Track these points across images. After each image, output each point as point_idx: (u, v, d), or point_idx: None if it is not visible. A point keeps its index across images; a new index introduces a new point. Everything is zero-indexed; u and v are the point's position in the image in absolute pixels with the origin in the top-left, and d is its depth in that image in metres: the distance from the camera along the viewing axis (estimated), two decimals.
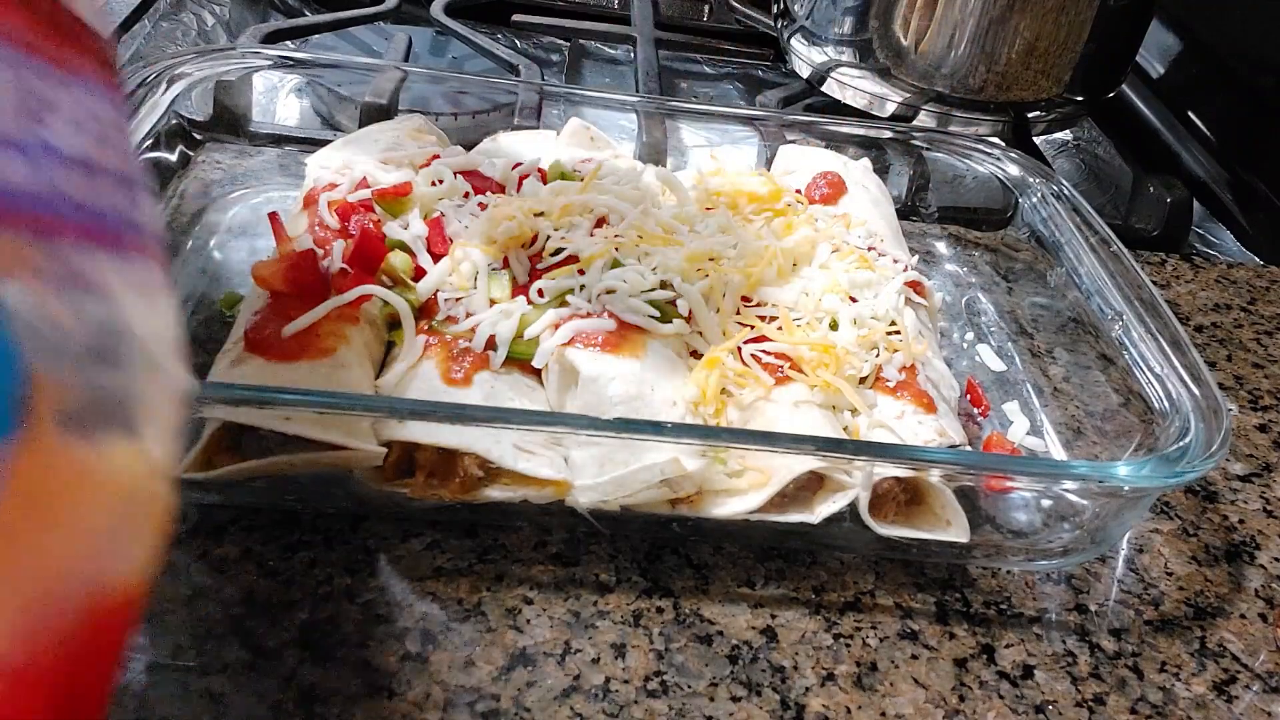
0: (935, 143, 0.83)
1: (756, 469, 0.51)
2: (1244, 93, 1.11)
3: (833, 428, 0.54)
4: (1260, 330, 0.81)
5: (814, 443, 0.50)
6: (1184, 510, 0.62)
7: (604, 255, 0.59)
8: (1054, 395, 0.67)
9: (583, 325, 0.55)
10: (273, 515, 0.51)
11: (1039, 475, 0.53)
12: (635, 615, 0.50)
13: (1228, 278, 0.88)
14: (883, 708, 0.47)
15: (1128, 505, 0.51)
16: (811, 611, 0.51)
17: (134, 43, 0.98)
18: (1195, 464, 0.49)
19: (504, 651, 0.47)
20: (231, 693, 0.43)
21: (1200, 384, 0.55)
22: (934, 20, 0.94)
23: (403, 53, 1.04)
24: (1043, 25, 0.93)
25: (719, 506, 0.51)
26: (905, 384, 0.58)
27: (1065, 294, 0.70)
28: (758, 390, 0.55)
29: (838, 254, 0.65)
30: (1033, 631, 0.52)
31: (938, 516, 0.53)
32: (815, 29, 1.03)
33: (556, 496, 0.50)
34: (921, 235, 0.83)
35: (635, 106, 0.84)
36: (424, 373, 0.54)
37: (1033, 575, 0.55)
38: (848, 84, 1.03)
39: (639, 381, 0.53)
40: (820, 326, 0.59)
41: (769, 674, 0.48)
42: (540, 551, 0.52)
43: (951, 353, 0.70)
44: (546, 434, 0.51)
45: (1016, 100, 0.98)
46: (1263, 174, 1.04)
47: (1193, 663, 0.52)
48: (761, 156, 0.85)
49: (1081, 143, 1.13)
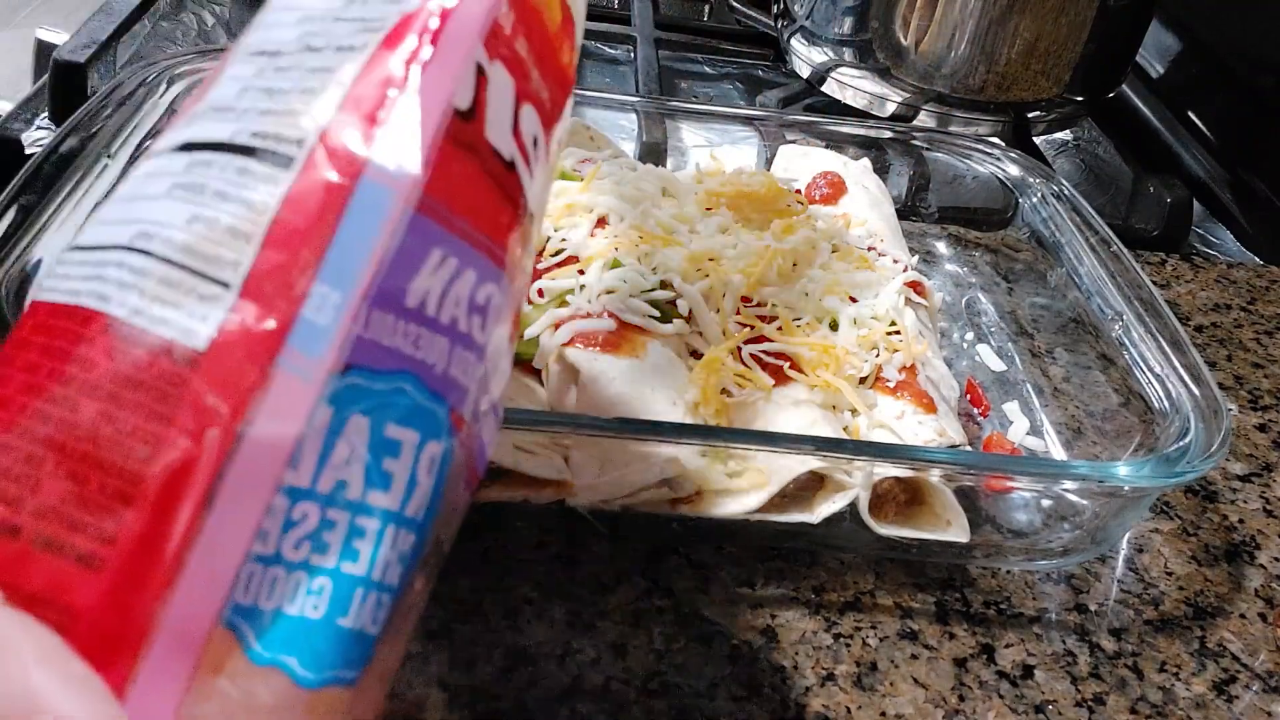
0: (935, 143, 0.83)
1: (756, 469, 0.51)
2: (1244, 93, 1.11)
3: (833, 428, 0.54)
4: (1260, 330, 0.81)
5: (814, 443, 0.50)
6: (1184, 510, 0.62)
7: (604, 255, 0.59)
8: (1054, 395, 0.67)
9: (582, 325, 0.55)
10: None
11: (1039, 475, 0.53)
12: (635, 615, 0.50)
13: (1228, 278, 0.88)
14: (883, 708, 0.47)
15: (1128, 505, 0.51)
16: (811, 611, 0.51)
17: (134, 43, 0.98)
18: (1195, 464, 0.49)
19: (504, 651, 0.47)
20: None
21: (1200, 384, 0.55)
22: (934, 20, 0.94)
23: None
24: (1043, 25, 0.93)
25: (719, 506, 0.51)
26: (905, 384, 0.58)
27: (1065, 294, 0.70)
28: (758, 390, 0.55)
29: (838, 254, 0.65)
30: (1033, 631, 0.52)
31: (938, 516, 0.53)
32: (815, 29, 1.03)
33: (556, 496, 0.50)
34: (921, 235, 0.83)
35: (635, 106, 0.84)
36: None
37: (1033, 575, 0.55)
38: (848, 84, 1.03)
39: (639, 381, 0.53)
40: (820, 326, 0.59)
41: (769, 674, 0.48)
42: (540, 551, 0.52)
43: (951, 353, 0.70)
44: (546, 434, 0.51)
45: (1016, 100, 0.98)
46: (1263, 174, 1.04)
47: (1193, 663, 0.52)
48: (761, 156, 0.85)
49: (1081, 143, 1.13)
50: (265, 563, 0.23)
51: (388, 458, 0.26)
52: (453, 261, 0.27)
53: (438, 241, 0.26)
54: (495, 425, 0.33)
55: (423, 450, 0.26)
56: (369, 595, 0.25)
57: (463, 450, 0.29)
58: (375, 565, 0.25)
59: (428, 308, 0.26)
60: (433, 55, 0.27)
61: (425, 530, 0.27)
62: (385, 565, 0.26)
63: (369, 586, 0.25)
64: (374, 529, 0.25)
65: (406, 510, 0.26)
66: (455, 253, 0.27)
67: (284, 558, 0.24)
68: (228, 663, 0.23)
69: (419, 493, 0.27)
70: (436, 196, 0.26)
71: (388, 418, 0.25)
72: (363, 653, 0.25)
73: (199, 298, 0.24)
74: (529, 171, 0.31)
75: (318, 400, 0.24)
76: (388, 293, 0.25)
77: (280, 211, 0.25)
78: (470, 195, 0.28)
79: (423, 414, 0.26)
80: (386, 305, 0.25)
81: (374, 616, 0.25)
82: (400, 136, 0.26)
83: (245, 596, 0.23)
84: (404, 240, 0.25)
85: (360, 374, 0.25)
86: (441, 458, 0.27)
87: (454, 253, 0.27)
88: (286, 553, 0.24)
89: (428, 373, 0.26)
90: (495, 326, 0.29)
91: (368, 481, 0.25)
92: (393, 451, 0.26)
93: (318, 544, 0.24)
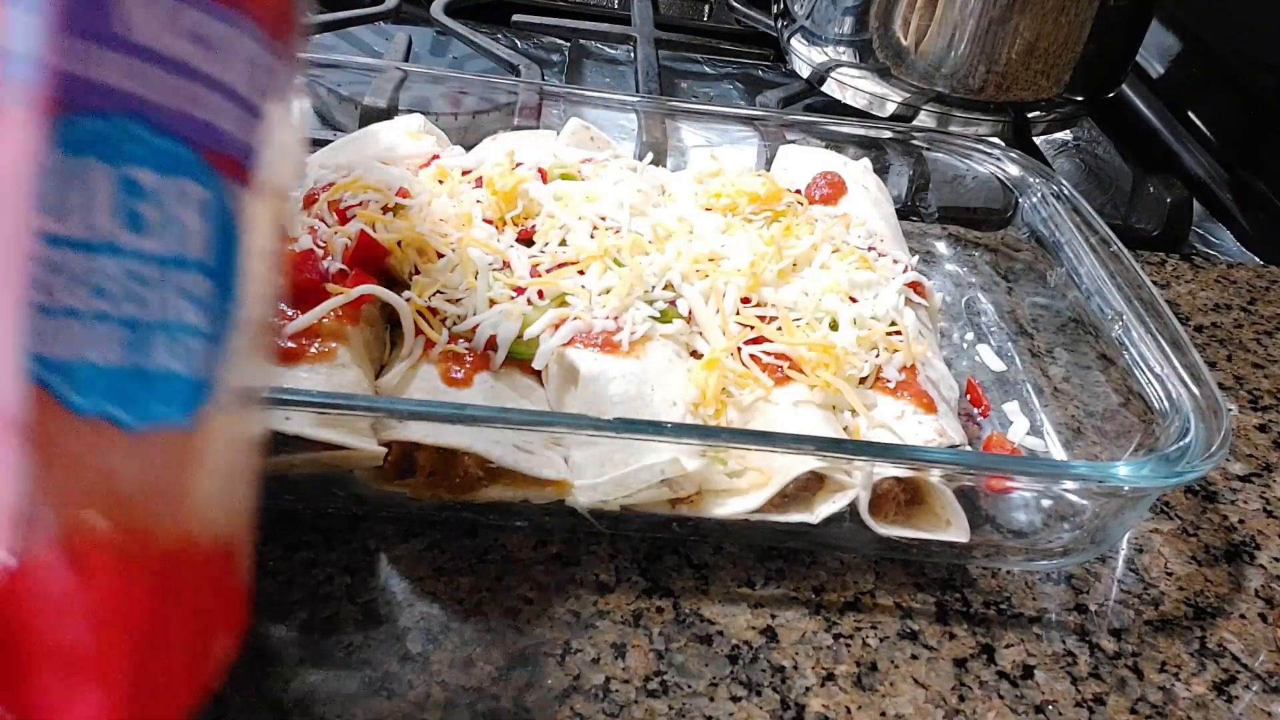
0: (935, 143, 0.83)
1: (756, 469, 0.51)
2: (1244, 93, 1.10)
3: (833, 428, 0.54)
4: (1260, 330, 0.81)
5: (814, 443, 0.50)
6: (1184, 510, 0.62)
7: (604, 256, 0.59)
8: (1054, 395, 0.67)
9: (582, 325, 0.55)
10: (273, 515, 0.51)
11: (1039, 475, 0.53)
12: (635, 615, 0.50)
13: (1228, 278, 0.88)
14: (883, 708, 0.47)
15: (1128, 505, 0.51)
16: (811, 611, 0.51)
17: None
18: (1195, 464, 0.49)
19: (504, 651, 0.47)
20: (232, 693, 0.43)
21: (1200, 384, 0.55)
22: (934, 20, 0.94)
23: (403, 53, 1.04)
24: (1043, 25, 0.93)
25: (719, 506, 0.51)
26: (905, 384, 0.58)
27: (1065, 294, 0.70)
28: (758, 390, 0.55)
29: (838, 254, 0.65)
30: (1033, 631, 0.52)
31: (938, 516, 0.53)
32: (815, 29, 1.03)
33: (556, 496, 0.50)
34: (921, 235, 0.83)
35: (635, 106, 0.84)
36: (424, 373, 0.54)
37: (1033, 575, 0.55)
38: (848, 84, 1.03)
39: (639, 381, 0.53)
40: (820, 326, 0.59)
41: (769, 674, 0.48)
42: (540, 551, 0.52)
43: (951, 353, 0.70)
44: (546, 434, 0.51)
45: (1016, 100, 0.98)
46: (1263, 174, 1.04)
47: (1193, 663, 0.52)
48: (761, 156, 0.85)
49: (1081, 143, 1.13)
50: (52, 314, 0.23)
51: (138, 201, 0.25)
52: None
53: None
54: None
55: (168, 187, 0.26)
56: (176, 339, 0.25)
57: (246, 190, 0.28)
58: (170, 309, 0.25)
59: (143, 38, 0.25)
60: None
61: (226, 275, 0.27)
62: (181, 309, 0.26)
63: (170, 330, 0.25)
64: (153, 275, 0.25)
65: (188, 253, 0.26)
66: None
67: (71, 307, 0.23)
68: (52, 420, 0.23)
69: (187, 232, 0.26)
70: None
71: (118, 158, 0.25)
72: (186, 394, 0.26)
73: None
74: None
75: (45, 140, 0.23)
76: (90, 17, 0.24)
77: None
78: None
79: (159, 153, 0.26)
80: (93, 34, 0.24)
81: (176, 353, 0.26)
82: None
83: (43, 347, 0.23)
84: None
85: (84, 116, 0.24)
86: (213, 201, 0.27)
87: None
88: (70, 301, 0.23)
89: (156, 112, 0.26)
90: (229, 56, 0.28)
91: (129, 227, 0.25)
92: (135, 192, 0.25)
93: (101, 292, 0.24)
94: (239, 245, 0.28)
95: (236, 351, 0.28)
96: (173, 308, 0.26)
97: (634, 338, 0.55)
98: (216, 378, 0.27)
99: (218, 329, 0.27)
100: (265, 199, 0.29)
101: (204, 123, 0.27)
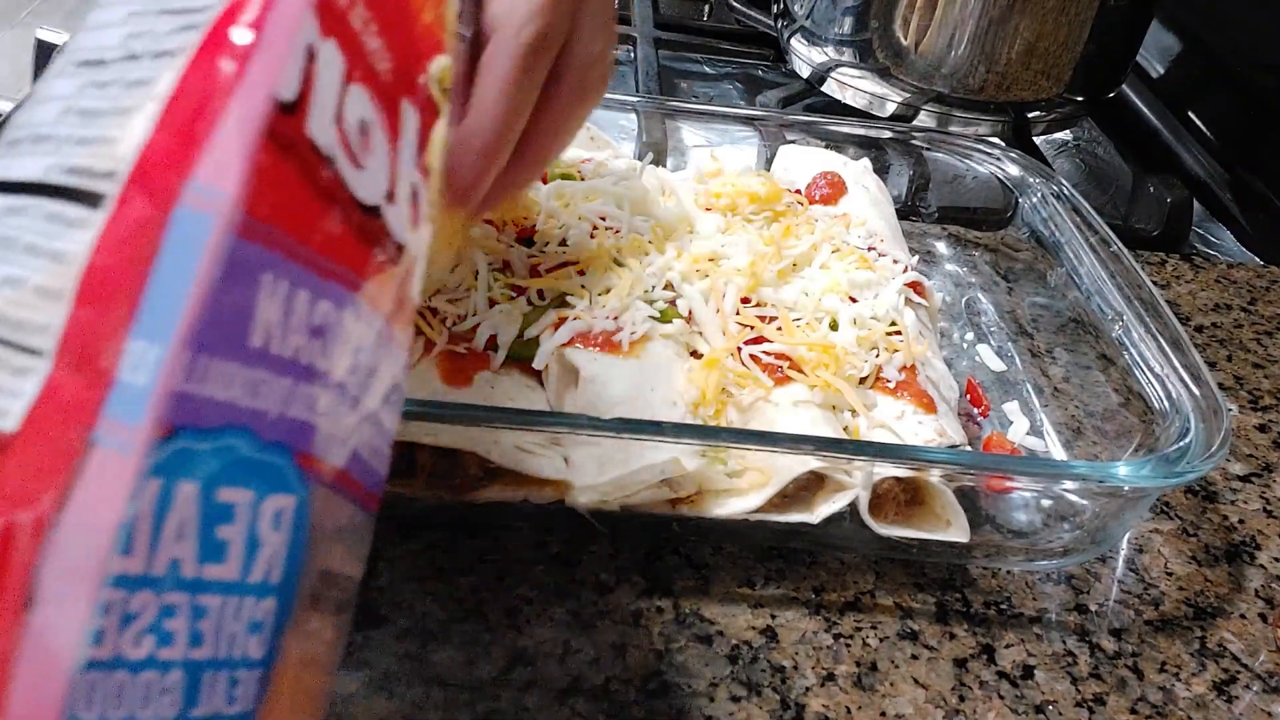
0: (935, 143, 0.83)
1: (756, 469, 0.51)
2: (1244, 93, 1.10)
3: (833, 428, 0.54)
4: (1260, 330, 0.81)
5: (814, 443, 0.50)
6: (1184, 510, 0.62)
7: (603, 256, 0.59)
8: (1054, 395, 0.67)
9: (582, 325, 0.55)
10: None
11: (1039, 475, 0.53)
12: (635, 615, 0.50)
13: (1228, 278, 0.88)
14: (883, 708, 0.47)
15: (1128, 505, 0.51)
16: (811, 611, 0.51)
17: None
18: (1195, 464, 0.49)
19: (504, 651, 0.47)
20: None
21: (1200, 384, 0.55)
22: (934, 20, 0.94)
23: None
24: (1043, 25, 0.93)
25: (719, 506, 0.51)
26: (905, 384, 0.58)
27: (1065, 294, 0.70)
28: (758, 390, 0.55)
29: (838, 254, 0.65)
30: (1033, 631, 0.52)
31: (938, 516, 0.53)
32: (815, 29, 1.03)
33: (556, 496, 0.50)
34: (921, 235, 0.83)
35: (635, 106, 0.84)
36: (424, 373, 0.54)
37: (1033, 575, 0.55)
38: (848, 84, 1.03)
39: (639, 381, 0.53)
40: (820, 327, 0.59)
41: (769, 674, 0.48)
42: (540, 551, 0.52)
43: (951, 353, 0.70)
44: (546, 434, 0.51)
45: (1016, 100, 0.98)
46: (1263, 174, 1.04)
47: (1193, 663, 0.52)
48: (761, 156, 0.84)
49: (1081, 143, 1.13)
50: (106, 668, 0.20)
51: (221, 525, 0.23)
52: (284, 285, 0.24)
53: (266, 266, 0.23)
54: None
55: (261, 508, 0.24)
56: (220, 676, 0.23)
57: (324, 488, 0.26)
58: (221, 643, 0.23)
59: (262, 344, 0.23)
60: (255, 42, 0.23)
61: (290, 587, 0.25)
62: (232, 640, 0.23)
63: (219, 667, 0.23)
64: (215, 605, 0.23)
65: (250, 577, 0.24)
66: (286, 275, 0.24)
67: (126, 658, 0.21)
68: None
69: (265, 554, 0.24)
70: (258, 214, 0.23)
71: (218, 481, 0.22)
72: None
73: (11, 371, 0.21)
74: (352, 162, 0.27)
75: (139, 475, 0.21)
76: (212, 335, 0.22)
77: (91, 260, 0.21)
78: (293, 202, 0.24)
79: (258, 468, 0.24)
80: (213, 349, 0.22)
81: (230, 695, 0.23)
82: (215, 150, 0.22)
83: (89, 711, 0.20)
84: (225, 272, 0.22)
85: (187, 436, 0.22)
86: (295, 509, 0.25)
87: (285, 275, 0.24)
88: (128, 652, 0.21)
89: (261, 422, 0.24)
90: (340, 345, 0.26)
91: (202, 555, 0.22)
92: (226, 517, 0.23)
93: (161, 636, 0.22)
94: (309, 552, 0.26)
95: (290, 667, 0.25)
96: (238, 645, 0.23)
97: (634, 338, 0.55)
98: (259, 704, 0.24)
99: (272, 650, 0.25)
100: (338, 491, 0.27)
101: (302, 423, 0.25)
